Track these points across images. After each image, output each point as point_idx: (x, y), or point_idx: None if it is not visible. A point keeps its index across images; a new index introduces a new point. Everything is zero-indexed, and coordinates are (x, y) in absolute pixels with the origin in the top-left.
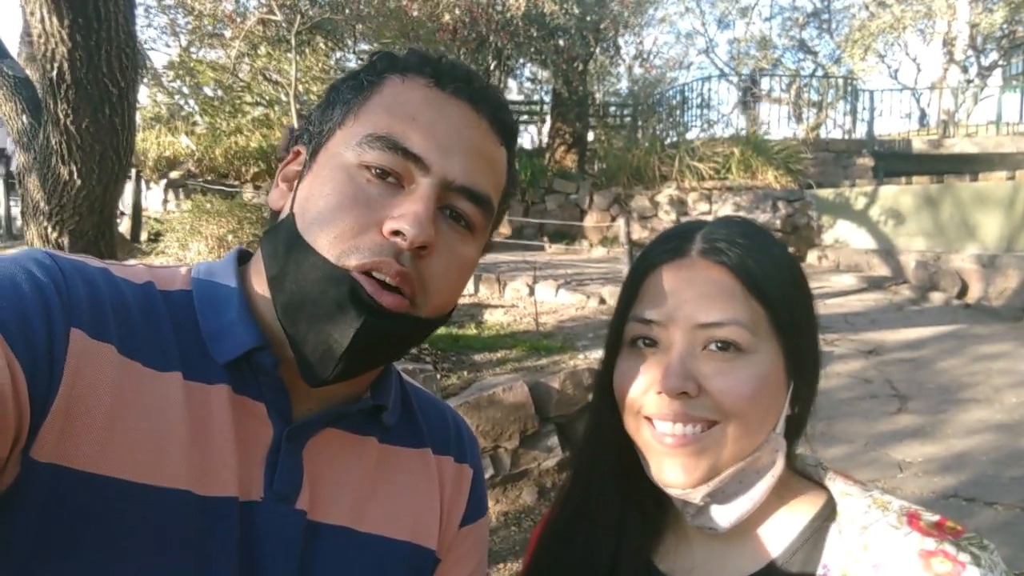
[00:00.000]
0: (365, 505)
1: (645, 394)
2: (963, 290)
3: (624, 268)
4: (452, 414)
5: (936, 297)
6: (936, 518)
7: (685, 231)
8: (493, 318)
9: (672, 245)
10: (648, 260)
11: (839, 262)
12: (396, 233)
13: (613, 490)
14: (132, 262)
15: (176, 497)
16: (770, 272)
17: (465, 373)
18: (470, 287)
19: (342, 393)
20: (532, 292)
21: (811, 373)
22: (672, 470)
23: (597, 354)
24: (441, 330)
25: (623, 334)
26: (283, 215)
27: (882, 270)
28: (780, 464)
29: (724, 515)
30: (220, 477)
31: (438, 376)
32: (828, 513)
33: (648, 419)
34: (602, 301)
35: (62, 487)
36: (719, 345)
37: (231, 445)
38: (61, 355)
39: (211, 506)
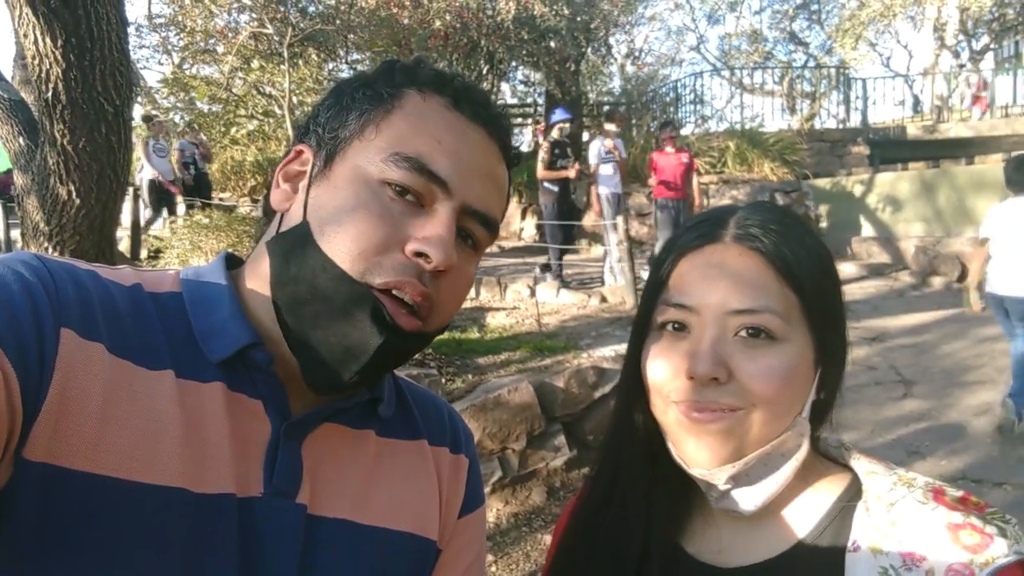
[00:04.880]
0: (365, 498)
1: (675, 378)
2: (963, 274)
3: (626, 265)
4: (445, 406)
5: (937, 282)
6: (960, 493)
7: (717, 216)
8: (495, 321)
9: (704, 230)
10: (679, 245)
11: (838, 251)
12: (419, 254)
13: (642, 474)
14: (120, 266)
15: (171, 495)
16: (804, 260)
17: (470, 376)
18: (471, 291)
19: None
20: (533, 293)
21: (839, 360)
22: (697, 450)
23: (601, 352)
24: (444, 335)
25: (652, 318)
26: (291, 219)
27: (882, 257)
28: (805, 448)
29: (749, 498)
30: (216, 474)
31: (443, 380)
32: (854, 492)
33: (676, 403)
34: (603, 300)
35: (56, 487)
36: (751, 331)
37: (226, 442)
38: (52, 355)
39: (207, 503)
